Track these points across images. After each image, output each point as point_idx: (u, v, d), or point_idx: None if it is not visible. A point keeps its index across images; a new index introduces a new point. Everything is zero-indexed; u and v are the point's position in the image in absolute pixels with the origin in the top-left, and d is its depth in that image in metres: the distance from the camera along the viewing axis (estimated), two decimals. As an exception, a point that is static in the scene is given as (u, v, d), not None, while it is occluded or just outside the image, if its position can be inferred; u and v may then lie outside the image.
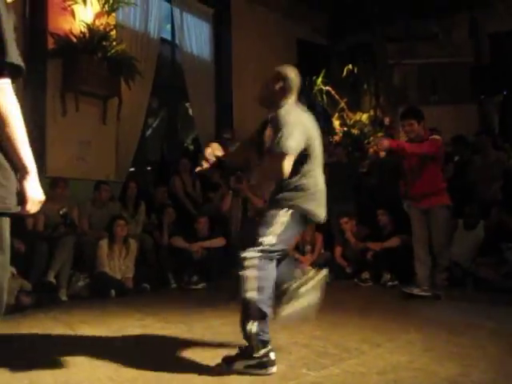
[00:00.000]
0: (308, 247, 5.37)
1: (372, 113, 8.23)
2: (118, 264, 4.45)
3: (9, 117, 1.26)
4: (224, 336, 2.65)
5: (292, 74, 2.49)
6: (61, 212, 4.32)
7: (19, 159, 1.31)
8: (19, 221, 4.22)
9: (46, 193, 5.02)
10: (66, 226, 4.34)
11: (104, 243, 4.41)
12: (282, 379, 1.96)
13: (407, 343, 2.51)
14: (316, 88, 7.93)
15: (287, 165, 2.15)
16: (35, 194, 1.43)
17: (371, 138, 7.82)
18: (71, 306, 3.80)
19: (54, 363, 2.23)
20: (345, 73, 8.09)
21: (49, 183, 4.75)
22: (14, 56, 1.27)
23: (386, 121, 8.02)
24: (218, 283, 4.82)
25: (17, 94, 1.34)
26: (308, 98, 8.55)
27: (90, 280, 4.28)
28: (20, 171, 1.37)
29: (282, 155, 2.14)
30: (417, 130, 4.00)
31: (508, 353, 2.32)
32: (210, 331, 2.81)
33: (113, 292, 4.19)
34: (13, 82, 1.33)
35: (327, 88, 7.94)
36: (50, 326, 3.05)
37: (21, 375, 2.05)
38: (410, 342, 2.53)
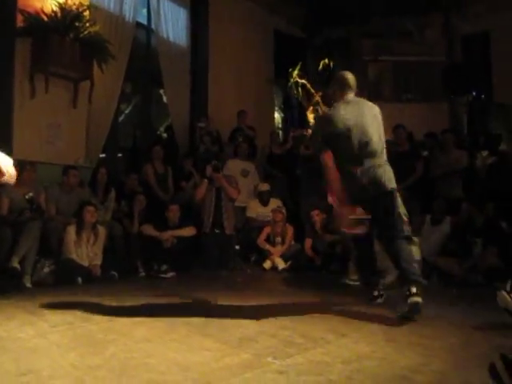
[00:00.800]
0: (278, 239, 5.42)
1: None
2: (86, 251, 4.37)
3: None
4: (190, 324, 2.65)
5: (339, 75, 3.10)
6: (27, 196, 4.21)
7: None
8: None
9: (11, 176, 4.76)
10: (32, 210, 4.23)
11: (71, 229, 4.32)
12: (247, 367, 1.97)
13: (371, 333, 2.57)
14: (292, 80, 7.93)
15: (321, 159, 2.88)
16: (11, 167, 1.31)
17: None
18: (36, 293, 3.70)
19: (16, 350, 2.18)
20: (321, 66, 8.11)
21: (15, 166, 4.60)
22: None
23: (360, 116, 8.11)
24: (187, 272, 4.81)
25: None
26: (283, 90, 8.60)
27: (56, 266, 4.19)
28: None
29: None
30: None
31: (468, 343, 2.40)
32: (178, 319, 2.80)
33: (79, 279, 4.12)
34: None
35: (303, 81, 7.96)
36: (12, 313, 2.97)
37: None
38: (373, 333, 2.58)
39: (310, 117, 8.00)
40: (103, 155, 6.29)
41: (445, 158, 5.56)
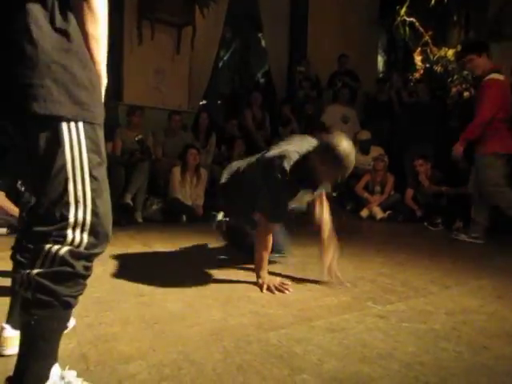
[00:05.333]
0: (378, 188, 5.25)
1: (459, 48, 7.53)
2: (190, 191, 4.62)
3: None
4: (288, 263, 2.71)
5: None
6: (136, 138, 4.50)
7: (99, 68, 1.16)
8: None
9: (123, 120, 5.20)
10: (142, 152, 4.53)
11: (177, 170, 4.57)
12: (346, 309, 1.98)
13: (478, 288, 2.43)
14: (399, 19, 7.34)
15: None
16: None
17: (455, 77, 7.23)
18: (146, 227, 4.06)
19: (133, 274, 2.42)
20: (433, 2, 7.37)
21: (126, 111, 4.93)
22: None
23: (475, 58, 7.33)
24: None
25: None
26: (388, 31, 8.01)
27: (164, 205, 4.50)
28: None
29: None
30: (480, 64, 3.61)
31: None
32: (277, 258, 2.88)
33: (184, 217, 4.40)
34: None
35: (411, 19, 7.32)
36: (128, 243, 3.29)
37: (103, 278, 2.26)
38: (481, 288, 2.44)
39: (418, 59, 7.43)
40: (204, 102, 6.47)
41: None
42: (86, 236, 1.09)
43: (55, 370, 1.13)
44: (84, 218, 1.08)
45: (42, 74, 1.01)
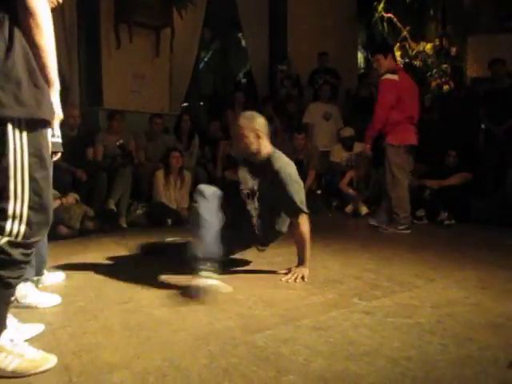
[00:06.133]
0: (362, 184, 5.27)
1: (437, 42, 7.61)
2: (174, 194, 4.59)
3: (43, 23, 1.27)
4: (273, 263, 2.71)
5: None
6: (118, 143, 4.45)
7: (48, 72, 1.32)
8: (80, 151, 4.41)
9: (103, 125, 5.14)
10: (124, 157, 4.48)
11: (160, 174, 4.54)
12: (332, 306, 1.98)
13: (462, 280, 2.45)
14: (377, 15, 7.40)
15: None
16: (59, 110, 1.45)
17: (434, 71, 7.31)
18: (131, 232, 4.01)
19: (117, 282, 2.39)
20: (410, -3, 7.45)
21: (106, 115, 4.87)
22: None
23: (453, 51, 7.41)
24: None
25: (72, 26, 1.41)
26: (367, 28, 8.06)
27: (148, 209, 4.46)
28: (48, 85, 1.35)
29: None
30: (385, 64, 3.99)
31: None
32: (262, 259, 2.87)
33: (169, 221, 4.37)
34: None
35: (389, 15, 7.38)
36: (112, 249, 3.25)
37: (87, 286, 2.23)
38: (465, 279, 2.46)
39: (397, 54, 7.48)
40: (186, 104, 6.44)
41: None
42: (23, 227, 1.27)
43: (6, 335, 1.35)
44: (21, 212, 1.27)
45: None
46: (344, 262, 2.83)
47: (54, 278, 2.35)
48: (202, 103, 7.16)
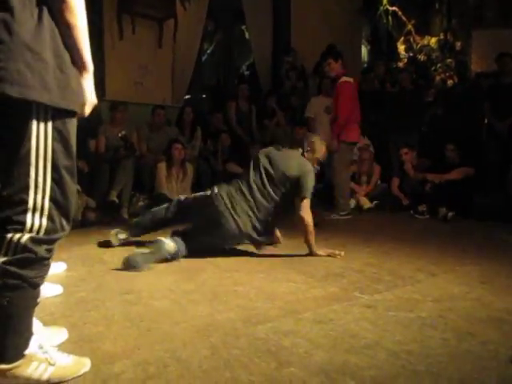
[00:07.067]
0: (364, 178, 5.26)
1: (442, 37, 7.56)
2: (176, 186, 4.57)
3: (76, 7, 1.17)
4: (274, 257, 2.71)
5: None
6: (120, 135, 4.43)
7: (81, 56, 1.20)
8: (81, 142, 4.39)
9: (106, 116, 5.10)
10: (126, 148, 4.46)
11: (162, 166, 4.52)
12: (333, 300, 1.98)
13: (464, 275, 2.45)
14: (381, 9, 7.34)
15: None
16: (93, 95, 1.30)
17: (439, 65, 7.27)
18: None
19: (119, 273, 2.39)
20: (415, -10, 7.40)
21: (108, 107, 4.86)
22: None
23: (457, 45, 7.37)
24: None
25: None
26: (371, 21, 7.99)
27: (150, 201, 4.45)
28: (79, 70, 1.24)
29: None
30: (335, 68, 4.35)
31: None
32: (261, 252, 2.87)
33: (171, 213, 4.36)
34: None
35: (394, 8, 7.33)
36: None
37: (88, 277, 2.23)
38: (466, 274, 2.46)
39: (401, 48, 7.44)
40: (188, 96, 6.41)
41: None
42: (44, 221, 1.16)
43: (34, 341, 1.24)
44: (42, 203, 1.15)
45: (16, 59, 1.06)
46: (345, 256, 2.82)
47: (55, 268, 2.36)
48: (204, 95, 7.13)
